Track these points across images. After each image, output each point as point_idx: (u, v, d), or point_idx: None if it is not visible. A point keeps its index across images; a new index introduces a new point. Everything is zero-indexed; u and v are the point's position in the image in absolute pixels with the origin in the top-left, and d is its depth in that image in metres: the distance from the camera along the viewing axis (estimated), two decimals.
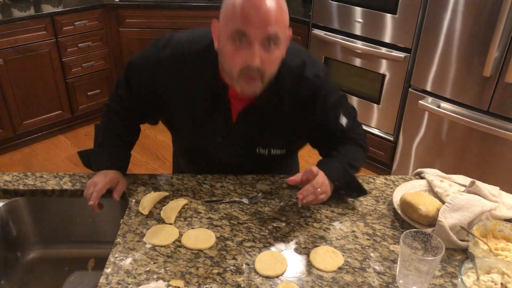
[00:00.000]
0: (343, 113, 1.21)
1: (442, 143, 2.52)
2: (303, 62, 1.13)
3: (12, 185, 1.25)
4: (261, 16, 0.92)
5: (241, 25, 0.93)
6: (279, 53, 1.00)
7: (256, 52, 0.94)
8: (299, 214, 1.16)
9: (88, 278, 1.25)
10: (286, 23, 0.99)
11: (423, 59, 2.46)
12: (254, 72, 0.97)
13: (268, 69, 0.99)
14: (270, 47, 0.96)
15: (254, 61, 0.95)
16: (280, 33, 0.95)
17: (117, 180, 1.19)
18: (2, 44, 2.82)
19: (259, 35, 0.93)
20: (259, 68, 0.97)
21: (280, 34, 0.96)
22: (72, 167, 3.02)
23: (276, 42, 0.96)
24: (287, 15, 0.99)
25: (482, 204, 1.07)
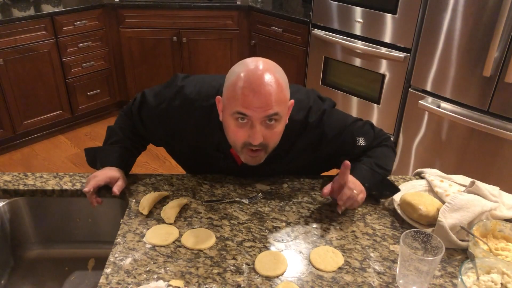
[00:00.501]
0: (358, 135, 1.23)
1: (442, 143, 2.52)
2: (307, 112, 1.17)
3: (12, 185, 1.25)
4: (261, 100, 0.98)
5: (242, 109, 0.98)
6: (280, 126, 1.05)
7: (257, 132, 1.01)
8: (299, 214, 1.16)
9: (88, 278, 1.25)
10: (286, 99, 1.04)
11: (423, 59, 2.46)
12: (257, 147, 1.03)
13: (271, 142, 1.06)
14: (272, 123, 1.02)
15: (255, 140, 1.01)
16: (280, 111, 1.01)
17: (117, 178, 1.19)
18: (2, 44, 2.82)
19: (260, 116, 0.99)
20: (261, 143, 1.03)
21: (280, 112, 1.01)
22: (72, 167, 3.02)
23: (277, 119, 1.02)
24: (287, 90, 1.04)
25: (482, 204, 1.07)
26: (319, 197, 1.23)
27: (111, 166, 1.22)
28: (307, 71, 3.16)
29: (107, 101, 3.59)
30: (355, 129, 1.24)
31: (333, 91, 3.06)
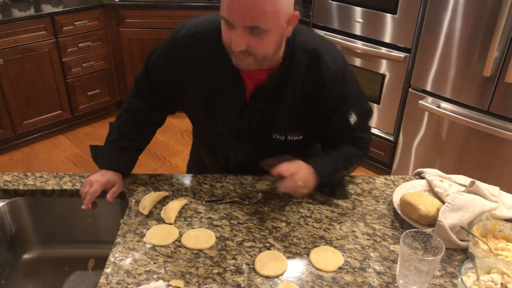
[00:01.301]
0: (355, 111, 1.19)
1: (442, 143, 2.52)
2: (319, 46, 1.12)
3: (12, 185, 1.25)
4: (242, 9, 0.93)
5: (226, 15, 0.96)
6: (271, 38, 0.99)
7: (237, 38, 0.96)
8: (299, 214, 1.16)
9: (88, 278, 1.25)
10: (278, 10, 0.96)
11: (423, 59, 2.46)
12: (241, 53, 1.00)
13: (259, 51, 1.00)
14: (260, 34, 0.97)
15: (235, 46, 0.97)
16: (266, 24, 0.95)
17: (113, 183, 1.19)
18: (2, 44, 2.82)
19: (241, 25, 0.95)
20: (246, 50, 0.99)
21: (265, 25, 0.95)
22: (72, 167, 3.02)
23: (261, 32, 0.96)
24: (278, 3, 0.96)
25: (482, 204, 1.07)
26: (319, 197, 1.23)
27: (108, 169, 1.21)
28: None
29: (107, 101, 3.59)
30: (358, 103, 1.20)
31: None
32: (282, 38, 1.03)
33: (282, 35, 1.02)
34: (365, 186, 1.29)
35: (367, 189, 1.27)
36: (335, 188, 1.25)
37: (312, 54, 1.11)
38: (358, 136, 1.24)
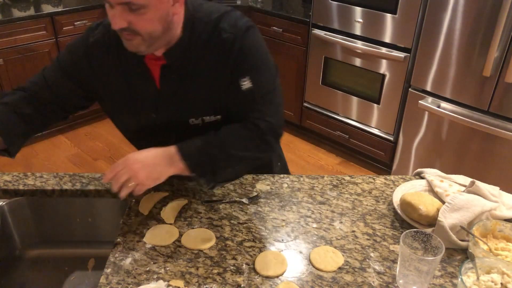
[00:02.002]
0: (250, 77, 1.07)
1: (442, 143, 2.52)
2: (220, 14, 1.08)
3: (12, 185, 1.25)
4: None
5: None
6: (151, 14, 0.96)
7: (115, 16, 0.95)
8: (299, 214, 1.16)
9: (88, 278, 1.25)
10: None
11: (423, 59, 2.46)
12: (125, 32, 0.98)
13: (142, 29, 0.97)
14: (138, 10, 0.95)
15: (114, 24, 0.96)
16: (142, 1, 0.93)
17: None
18: (2, 44, 2.82)
19: (117, 1, 0.93)
20: (129, 28, 0.97)
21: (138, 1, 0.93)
22: (72, 167, 3.02)
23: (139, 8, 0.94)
24: None
25: (482, 204, 1.07)
26: (319, 197, 1.23)
27: None
28: (307, 71, 3.16)
29: None
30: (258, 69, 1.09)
31: (333, 91, 3.06)
32: (167, 15, 1.00)
33: (166, 12, 0.99)
34: (365, 186, 1.29)
35: (367, 189, 1.27)
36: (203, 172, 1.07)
37: (212, 24, 1.08)
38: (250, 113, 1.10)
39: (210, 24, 1.08)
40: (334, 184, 1.29)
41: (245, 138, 1.10)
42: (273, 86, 1.13)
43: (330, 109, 3.14)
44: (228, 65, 1.08)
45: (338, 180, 1.31)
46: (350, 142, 3.09)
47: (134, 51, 1.04)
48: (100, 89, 1.18)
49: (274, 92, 1.13)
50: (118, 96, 1.18)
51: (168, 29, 1.03)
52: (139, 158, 1.02)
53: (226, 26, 1.07)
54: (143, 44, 1.01)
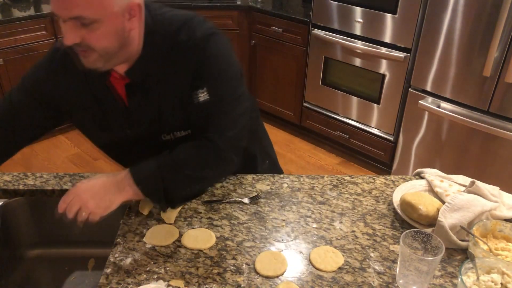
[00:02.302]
0: (208, 87, 1.03)
1: (442, 143, 2.52)
2: (180, 26, 1.04)
3: (12, 185, 1.25)
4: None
5: (52, 8, 0.91)
6: (105, 28, 0.93)
7: (66, 31, 0.92)
8: (299, 214, 1.16)
9: (88, 278, 1.25)
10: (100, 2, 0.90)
11: (423, 59, 2.46)
12: (79, 47, 0.95)
13: (96, 44, 0.94)
14: (90, 25, 0.91)
15: (66, 39, 0.92)
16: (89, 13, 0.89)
17: None
18: (2, 44, 2.82)
19: (66, 16, 0.90)
20: (83, 44, 0.93)
21: (90, 15, 0.89)
22: (72, 167, 3.02)
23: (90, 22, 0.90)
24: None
25: (482, 204, 1.07)
26: (319, 197, 1.23)
27: None
28: (307, 71, 3.16)
29: None
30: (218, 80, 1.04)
31: (333, 91, 3.06)
32: (123, 29, 0.96)
33: (121, 27, 0.95)
34: (365, 186, 1.29)
35: (367, 189, 1.27)
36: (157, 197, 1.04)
37: (170, 36, 1.04)
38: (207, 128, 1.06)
39: (169, 37, 1.04)
40: (334, 184, 1.29)
41: (200, 157, 1.06)
42: (233, 96, 1.07)
43: (330, 109, 3.14)
44: (188, 77, 1.04)
45: (338, 180, 1.31)
46: (350, 142, 3.09)
47: (92, 68, 0.99)
48: (69, 107, 1.14)
49: (234, 103, 1.08)
50: (89, 114, 1.14)
51: (125, 45, 0.99)
52: (88, 187, 0.99)
53: (184, 37, 1.03)
54: (100, 60, 0.97)
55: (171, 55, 1.04)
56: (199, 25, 1.05)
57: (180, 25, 1.04)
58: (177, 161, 1.04)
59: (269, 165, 1.44)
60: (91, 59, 0.97)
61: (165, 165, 1.03)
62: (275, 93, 3.49)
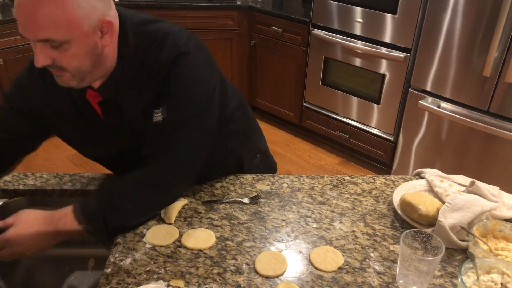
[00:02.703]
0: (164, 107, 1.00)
1: (442, 143, 2.52)
2: (152, 43, 1.00)
3: (12, 185, 1.25)
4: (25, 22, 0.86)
5: (19, 29, 0.88)
6: (77, 49, 0.90)
7: (36, 53, 0.89)
8: (299, 214, 1.16)
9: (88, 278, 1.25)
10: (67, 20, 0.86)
11: (423, 59, 2.46)
12: (51, 68, 0.93)
13: (68, 65, 0.91)
14: (60, 46, 0.88)
15: (36, 61, 0.90)
16: (57, 35, 0.86)
17: None
18: (2, 44, 2.82)
19: (33, 39, 0.88)
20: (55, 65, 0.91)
21: (58, 37, 0.86)
22: (72, 167, 3.02)
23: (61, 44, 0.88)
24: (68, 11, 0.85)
25: (482, 204, 1.07)
26: (319, 197, 1.23)
27: None
28: (307, 71, 3.16)
29: None
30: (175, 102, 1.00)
31: (333, 91, 3.06)
32: (95, 47, 0.93)
33: (93, 45, 0.92)
34: (365, 186, 1.29)
35: (367, 189, 1.27)
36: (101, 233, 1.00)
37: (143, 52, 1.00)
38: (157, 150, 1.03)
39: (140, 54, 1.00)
40: (334, 184, 1.29)
41: (142, 188, 1.02)
42: (190, 119, 1.02)
43: (330, 109, 3.14)
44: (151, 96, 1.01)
45: (338, 180, 1.31)
46: (350, 142, 3.09)
47: (66, 87, 0.97)
48: (54, 119, 1.12)
49: (190, 126, 1.02)
50: (72, 126, 1.12)
51: (99, 62, 0.96)
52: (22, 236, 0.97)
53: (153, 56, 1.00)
54: (73, 79, 0.95)
55: (140, 72, 1.01)
56: (173, 43, 1.01)
57: (153, 42, 1.00)
58: (117, 196, 1.01)
59: (260, 158, 1.42)
60: (64, 78, 0.95)
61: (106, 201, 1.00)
62: (275, 93, 3.49)
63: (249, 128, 1.36)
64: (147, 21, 1.04)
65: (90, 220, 0.99)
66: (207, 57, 1.06)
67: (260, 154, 1.43)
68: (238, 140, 1.29)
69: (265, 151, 1.47)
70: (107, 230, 1.00)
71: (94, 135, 1.12)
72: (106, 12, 0.92)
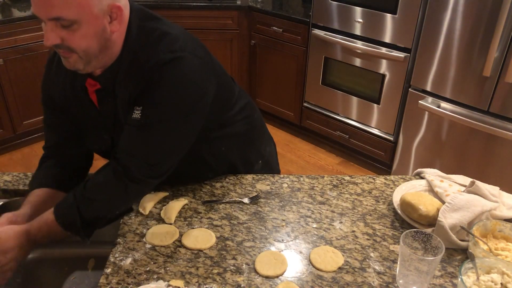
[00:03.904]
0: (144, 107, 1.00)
1: (442, 143, 2.52)
2: (147, 43, 1.02)
3: (12, 185, 1.25)
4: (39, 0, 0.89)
5: (32, 9, 0.92)
6: (85, 29, 0.92)
7: (47, 32, 0.92)
8: (299, 214, 1.16)
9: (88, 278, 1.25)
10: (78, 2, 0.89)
11: (423, 59, 2.46)
12: (59, 48, 0.95)
13: (76, 45, 0.94)
14: (70, 26, 0.91)
15: (46, 39, 0.93)
16: (68, 14, 0.89)
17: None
18: (2, 44, 2.82)
19: (45, 17, 0.90)
20: (63, 45, 0.94)
21: (69, 15, 0.89)
22: None
23: (70, 24, 0.90)
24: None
25: (482, 204, 1.07)
26: (319, 197, 1.23)
27: None
28: (307, 71, 3.16)
29: None
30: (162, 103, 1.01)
31: (333, 91, 3.06)
32: (103, 31, 0.95)
33: (102, 29, 0.95)
34: (365, 186, 1.29)
35: (367, 189, 1.27)
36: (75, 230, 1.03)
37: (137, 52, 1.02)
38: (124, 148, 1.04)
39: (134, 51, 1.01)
40: (334, 184, 1.29)
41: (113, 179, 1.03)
42: (166, 124, 1.02)
43: (330, 109, 3.14)
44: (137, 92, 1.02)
45: (338, 180, 1.31)
46: (350, 142, 3.09)
47: (72, 69, 1.00)
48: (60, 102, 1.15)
49: (163, 131, 1.02)
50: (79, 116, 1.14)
51: (106, 47, 0.98)
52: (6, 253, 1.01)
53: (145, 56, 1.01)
54: (80, 62, 0.97)
55: (133, 66, 1.02)
56: (167, 45, 1.01)
57: (148, 40, 1.02)
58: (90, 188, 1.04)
59: (261, 164, 1.41)
60: (71, 60, 0.97)
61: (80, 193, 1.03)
62: (275, 93, 3.49)
63: (252, 133, 1.34)
64: (150, 17, 1.07)
65: (66, 212, 1.02)
66: (202, 63, 1.06)
67: (262, 161, 1.40)
68: (235, 144, 1.28)
69: (267, 159, 1.44)
70: (82, 221, 1.02)
71: (90, 126, 1.14)
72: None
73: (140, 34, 1.02)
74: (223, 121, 1.20)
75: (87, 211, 1.03)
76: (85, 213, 1.02)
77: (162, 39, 1.02)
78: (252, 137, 1.35)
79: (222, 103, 1.16)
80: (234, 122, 1.24)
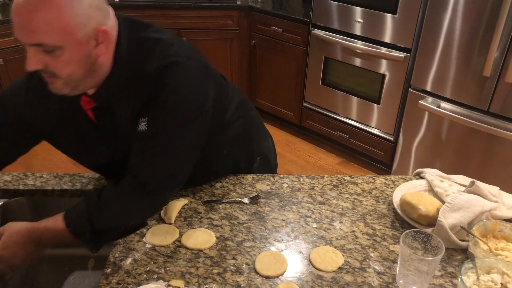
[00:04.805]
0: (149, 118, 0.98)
1: (442, 143, 2.52)
2: (142, 51, 1.00)
3: (12, 185, 1.25)
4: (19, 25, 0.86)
5: (14, 31, 0.88)
6: (69, 55, 0.89)
7: (29, 57, 0.89)
8: (299, 214, 1.16)
9: (88, 278, 1.25)
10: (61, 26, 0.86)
11: (423, 59, 2.46)
12: (44, 73, 0.92)
13: (60, 71, 0.91)
14: (53, 51, 0.88)
15: (27, 65, 0.90)
16: (50, 40, 0.86)
17: None
18: (2, 44, 2.82)
19: (27, 42, 0.88)
20: (47, 71, 0.91)
21: (50, 42, 0.86)
22: (72, 167, 3.02)
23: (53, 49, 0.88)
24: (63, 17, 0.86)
25: (482, 204, 1.07)
26: (319, 197, 1.23)
27: None
28: (307, 71, 3.16)
29: None
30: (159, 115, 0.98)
31: (333, 91, 3.06)
32: (89, 56, 0.92)
33: (87, 53, 0.91)
34: (365, 186, 1.29)
35: (367, 189, 1.27)
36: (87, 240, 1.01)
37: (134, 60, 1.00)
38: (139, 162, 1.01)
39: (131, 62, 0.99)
40: (334, 184, 1.29)
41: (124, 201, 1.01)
42: (175, 131, 1.00)
43: (330, 109, 3.14)
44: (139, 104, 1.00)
45: (338, 180, 1.31)
46: (350, 142, 3.09)
47: (58, 94, 0.96)
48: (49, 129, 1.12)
49: (175, 138, 1.00)
50: (66, 134, 1.12)
51: (92, 71, 0.95)
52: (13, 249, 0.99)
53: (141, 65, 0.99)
54: (66, 87, 0.94)
55: (130, 79, 1.00)
56: (161, 53, 0.99)
57: (142, 50, 1.00)
58: (104, 198, 1.01)
59: (260, 161, 1.40)
60: (57, 85, 0.94)
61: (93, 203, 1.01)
62: (275, 93, 3.49)
63: (250, 130, 1.34)
64: (139, 26, 1.03)
65: (76, 221, 0.99)
66: (199, 66, 1.05)
67: (260, 157, 1.40)
68: (235, 144, 1.28)
69: (265, 154, 1.44)
70: (92, 231, 0.99)
71: (88, 142, 1.11)
72: (103, 21, 0.92)
73: (132, 46, 0.99)
74: (223, 124, 1.20)
75: (98, 220, 0.99)
76: (96, 222, 0.99)
77: (155, 46, 1.00)
78: (251, 134, 1.36)
79: (220, 104, 1.16)
80: (233, 124, 1.24)
